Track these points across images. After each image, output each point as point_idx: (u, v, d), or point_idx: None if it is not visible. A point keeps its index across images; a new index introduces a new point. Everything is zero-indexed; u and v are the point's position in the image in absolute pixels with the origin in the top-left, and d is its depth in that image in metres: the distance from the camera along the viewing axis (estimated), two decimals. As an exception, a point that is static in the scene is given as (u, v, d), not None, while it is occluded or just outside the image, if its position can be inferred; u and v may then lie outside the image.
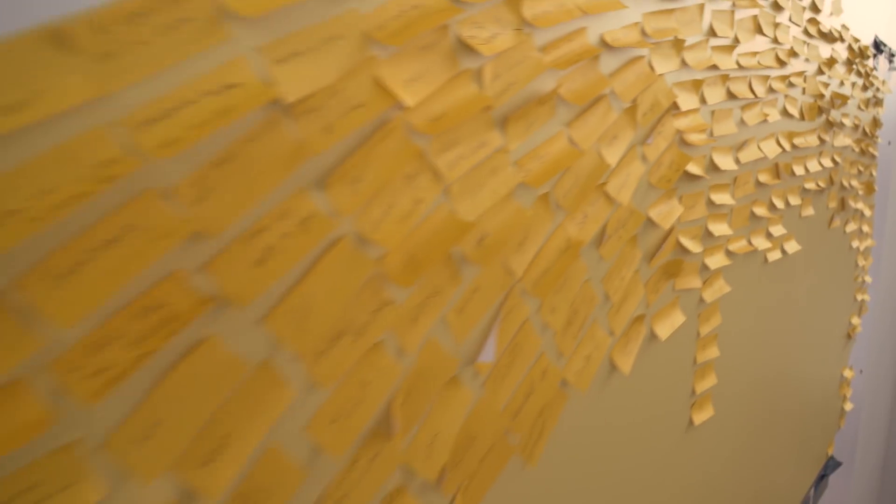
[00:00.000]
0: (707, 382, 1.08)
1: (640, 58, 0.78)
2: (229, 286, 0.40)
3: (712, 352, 1.08)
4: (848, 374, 2.05)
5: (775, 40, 1.15)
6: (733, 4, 0.99)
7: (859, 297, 2.03)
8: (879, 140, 1.98)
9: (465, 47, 0.55)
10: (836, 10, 1.45)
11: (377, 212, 0.49)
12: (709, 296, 1.03)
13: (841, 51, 1.53)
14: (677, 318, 0.96)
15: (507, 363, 0.65)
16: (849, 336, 2.01)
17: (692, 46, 0.89)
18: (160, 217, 0.36)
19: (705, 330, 1.05)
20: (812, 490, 1.90)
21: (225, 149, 0.39)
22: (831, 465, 2.02)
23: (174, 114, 0.36)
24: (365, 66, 0.47)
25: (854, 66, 1.63)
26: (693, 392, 1.06)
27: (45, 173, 0.32)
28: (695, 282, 0.98)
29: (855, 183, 1.77)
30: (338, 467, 0.49)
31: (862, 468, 2.37)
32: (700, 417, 1.08)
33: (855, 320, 2.02)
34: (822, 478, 1.96)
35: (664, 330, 0.92)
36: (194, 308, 0.38)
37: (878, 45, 1.85)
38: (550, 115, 0.66)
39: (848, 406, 2.10)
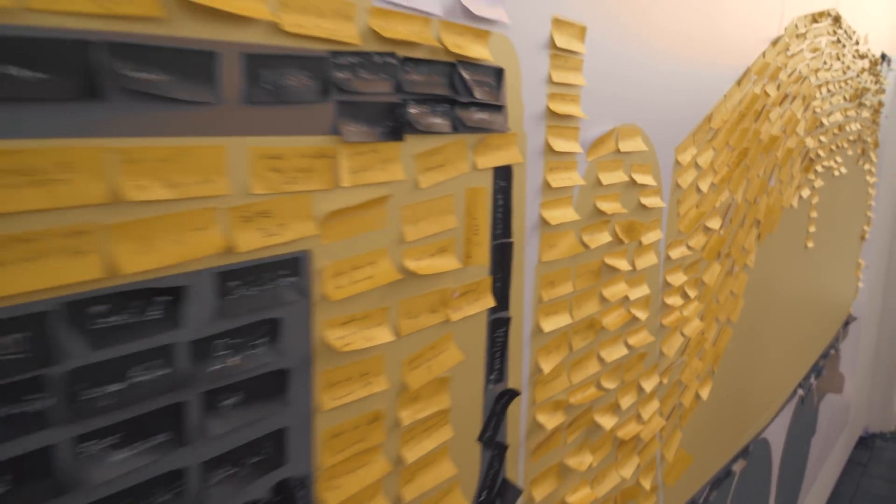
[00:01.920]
0: (813, 227, 2.26)
1: (806, 77, 1.94)
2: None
3: (814, 214, 2.25)
4: (861, 262, 3.25)
5: (843, 61, 2.31)
6: (828, 45, 2.15)
7: (868, 214, 3.23)
8: (883, 115, 3.17)
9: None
10: (865, 41, 2.62)
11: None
12: (817, 185, 2.20)
13: (865, 62, 2.70)
14: (806, 192, 2.12)
15: (785, 180, 1.81)
16: (862, 237, 3.20)
17: (819, 70, 2.05)
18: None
19: (813, 201, 2.22)
20: (841, 330, 3.10)
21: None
22: (851, 318, 3.22)
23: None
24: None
25: (872, 71, 2.81)
26: (807, 232, 2.23)
27: (742, 114, 1.47)
28: (812, 176, 2.15)
29: (869, 139, 2.95)
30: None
31: (867, 322, 3.61)
32: (810, 243, 2.25)
33: (866, 228, 3.21)
34: (846, 325, 3.16)
35: (806, 194, 2.09)
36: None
37: (884, 57, 3.03)
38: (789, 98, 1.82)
39: (860, 284, 3.31)
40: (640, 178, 1.12)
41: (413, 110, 0.68)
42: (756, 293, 1.83)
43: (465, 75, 0.73)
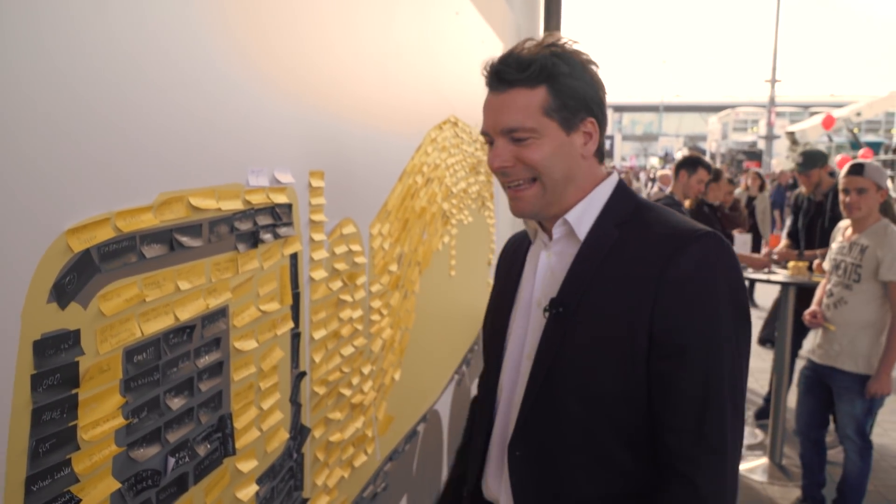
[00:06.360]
0: (454, 261, 3.32)
1: (439, 165, 2.97)
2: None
3: (454, 252, 3.32)
4: (490, 281, 4.52)
5: (462, 148, 3.44)
6: (452, 140, 3.24)
7: (492, 245, 4.51)
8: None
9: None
10: (477, 129, 3.83)
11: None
12: (453, 232, 3.27)
13: (478, 144, 3.92)
14: (446, 238, 3.17)
15: (431, 233, 2.78)
16: (489, 263, 4.47)
17: (448, 158, 3.11)
18: (407, 205, 2.46)
19: (452, 243, 3.28)
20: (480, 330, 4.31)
21: (409, 195, 2.49)
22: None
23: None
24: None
25: (483, 149, 4.06)
26: (450, 265, 3.28)
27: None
28: (450, 227, 3.21)
29: (486, 194, 4.21)
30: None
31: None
32: (453, 272, 3.31)
33: (490, 256, 4.49)
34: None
35: (447, 240, 3.13)
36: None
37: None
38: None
39: (491, 297, 4.59)
40: (353, 248, 1.95)
41: (259, 233, 1.41)
42: (423, 309, 2.78)
43: (277, 210, 1.48)
